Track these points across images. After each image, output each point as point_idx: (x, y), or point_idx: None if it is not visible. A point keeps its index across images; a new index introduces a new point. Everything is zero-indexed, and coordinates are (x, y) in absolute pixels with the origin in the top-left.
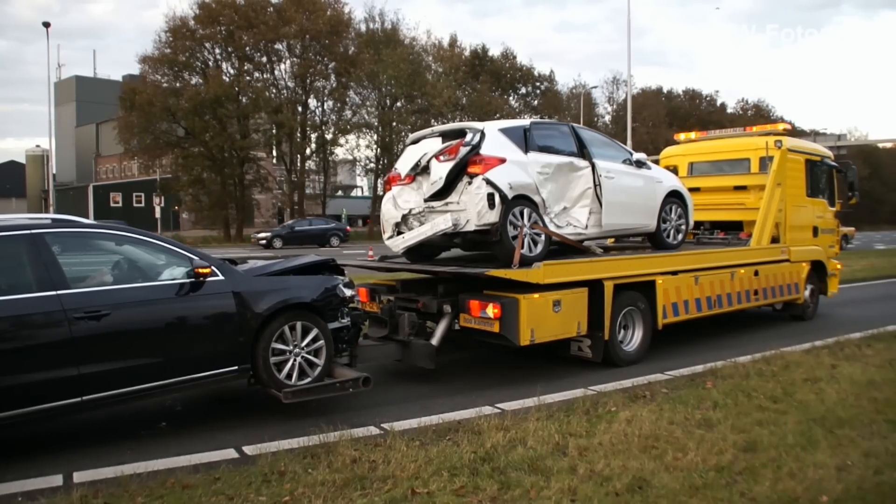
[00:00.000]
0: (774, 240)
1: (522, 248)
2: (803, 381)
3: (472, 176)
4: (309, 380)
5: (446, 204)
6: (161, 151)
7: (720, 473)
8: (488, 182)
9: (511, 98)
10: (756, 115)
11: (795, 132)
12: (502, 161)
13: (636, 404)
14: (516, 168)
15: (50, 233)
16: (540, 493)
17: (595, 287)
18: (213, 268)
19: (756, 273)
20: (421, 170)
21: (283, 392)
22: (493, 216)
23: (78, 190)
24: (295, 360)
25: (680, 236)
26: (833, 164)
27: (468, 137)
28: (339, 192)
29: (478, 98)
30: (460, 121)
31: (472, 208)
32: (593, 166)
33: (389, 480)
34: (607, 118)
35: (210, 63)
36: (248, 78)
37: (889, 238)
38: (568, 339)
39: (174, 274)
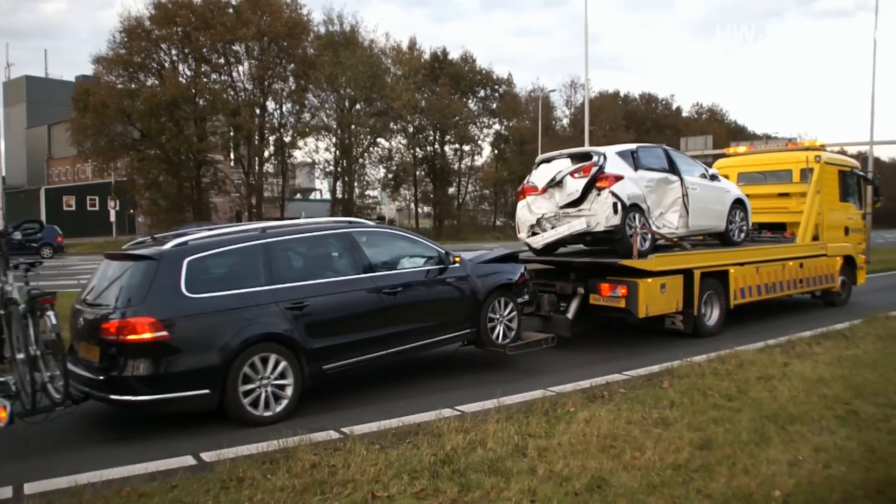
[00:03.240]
0: (814, 238)
1: (637, 244)
2: (757, 379)
3: (601, 189)
4: (507, 341)
5: (580, 211)
6: (116, 154)
7: (677, 471)
8: (613, 194)
9: (470, 101)
10: (710, 119)
11: (747, 136)
12: (621, 178)
13: (594, 404)
14: (630, 183)
15: (355, 230)
16: (500, 495)
17: (687, 274)
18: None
19: (801, 265)
20: (555, 184)
21: (506, 347)
22: (616, 220)
23: (29, 193)
24: (499, 326)
25: (742, 235)
26: (861, 173)
27: (595, 159)
28: (298, 196)
29: (437, 101)
30: (420, 123)
31: (601, 214)
32: (681, 180)
33: (349, 485)
34: (565, 121)
35: (166, 64)
36: (205, 80)
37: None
38: (664, 315)
39: (427, 262)
